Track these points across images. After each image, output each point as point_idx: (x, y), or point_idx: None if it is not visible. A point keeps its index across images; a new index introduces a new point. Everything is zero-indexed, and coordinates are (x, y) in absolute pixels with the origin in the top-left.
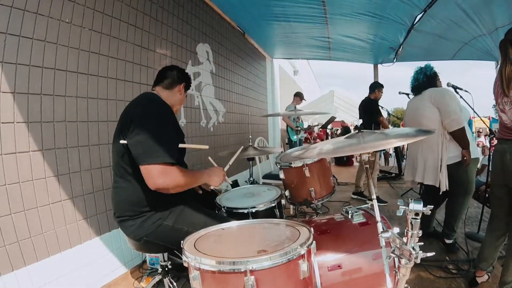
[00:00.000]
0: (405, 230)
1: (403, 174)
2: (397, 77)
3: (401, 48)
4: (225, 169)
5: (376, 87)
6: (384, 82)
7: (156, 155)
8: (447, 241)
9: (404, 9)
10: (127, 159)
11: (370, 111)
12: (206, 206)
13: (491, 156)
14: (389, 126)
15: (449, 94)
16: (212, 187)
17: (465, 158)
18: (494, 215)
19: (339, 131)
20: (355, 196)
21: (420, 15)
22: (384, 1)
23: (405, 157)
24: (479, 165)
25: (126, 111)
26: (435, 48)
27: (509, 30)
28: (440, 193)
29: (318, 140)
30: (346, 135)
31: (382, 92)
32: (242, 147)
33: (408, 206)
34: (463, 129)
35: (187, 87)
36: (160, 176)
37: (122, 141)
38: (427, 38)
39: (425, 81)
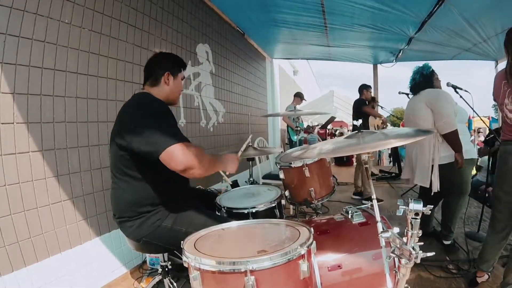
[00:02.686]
0: (405, 230)
1: None
2: (397, 77)
3: (401, 52)
4: (238, 155)
5: (363, 88)
6: (384, 82)
7: (169, 139)
8: (446, 242)
9: (404, 20)
10: (126, 161)
11: (357, 109)
12: (206, 206)
13: (497, 158)
14: (377, 113)
15: (443, 96)
16: (225, 178)
17: (458, 160)
18: (497, 218)
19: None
20: (356, 197)
21: (421, 26)
22: (385, 13)
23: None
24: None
25: (121, 113)
26: (435, 51)
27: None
28: (432, 193)
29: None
30: (346, 136)
31: (370, 92)
32: (252, 135)
33: (408, 206)
34: (455, 132)
35: (176, 70)
36: (184, 154)
37: (119, 141)
38: (427, 45)
39: (422, 80)
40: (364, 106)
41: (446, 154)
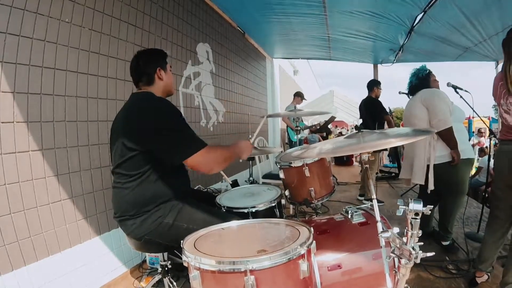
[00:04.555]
0: (405, 230)
1: None
2: (398, 77)
3: (401, 50)
4: (252, 141)
5: (374, 84)
6: (384, 82)
7: (192, 146)
8: (444, 243)
9: (404, 8)
10: (130, 161)
11: (374, 110)
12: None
13: (494, 157)
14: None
15: (438, 95)
16: (225, 178)
17: (454, 157)
18: (495, 216)
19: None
20: (362, 198)
21: (420, 16)
22: (384, 1)
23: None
24: (476, 165)
25: (128, 115)
26: (436, 51)
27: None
28: (428, 191)
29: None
30: (346, 135)
31: (380, 89)
32: (265, 117)
33: (408, 206)
34: (450, 129)
35: (163, 63)
36: (207, 159)
37: (127, 143)
38: (427, 42)
39: (418, 83)
40: (387, 115)
41: (442, 153)
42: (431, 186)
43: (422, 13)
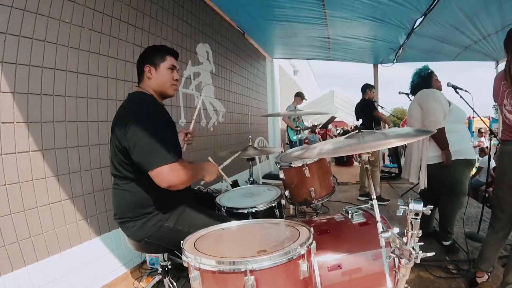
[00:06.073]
0: (405, 230)
1: None
2: (398, 77)
3: (401, 49)
4: (220, 167)
5: (367, 87)
6: (385, 82)
7: (160, 158)
8: (445, 243)
9: (404, 12)
10: (127, 162)
11: (369, 111)
12: (206, 206)
13: (496, 158)
14: (388, 121)
15: (432, 96)
16: (225, 178)
17: (444, 158)
18: (498, 217)
19: (338, 131)
20: (363, 198)
21: (421, 19)
22: (384, 5)
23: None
24: (476, 165)
25: (118, 116)
26: (436, 50)
27: None
28: (419, 190)
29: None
30: (346, 135)
31: (373, 92)
32: (240, 152)
33: (408, 206)
34: (441, 130)
35: (157, 60)
36: (170, 174)
37: (117, 144)
38: (427, 42)
39: (420, 82)
40: (376, 111)
41: (435, 154)
42: (422, 185)
43: (423, 16)
